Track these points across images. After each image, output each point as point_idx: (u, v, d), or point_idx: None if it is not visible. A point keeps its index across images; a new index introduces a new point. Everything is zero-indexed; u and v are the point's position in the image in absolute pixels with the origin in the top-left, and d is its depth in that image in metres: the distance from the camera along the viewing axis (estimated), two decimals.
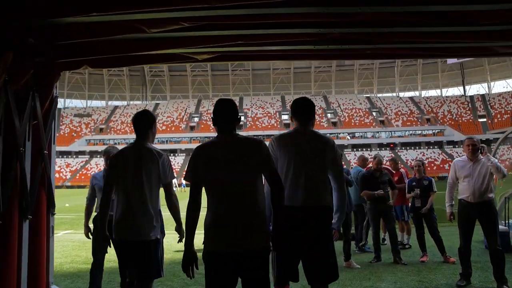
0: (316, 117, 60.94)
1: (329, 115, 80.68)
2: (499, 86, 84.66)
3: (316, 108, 63.69)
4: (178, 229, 3.54)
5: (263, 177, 2.62)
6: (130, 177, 3.19)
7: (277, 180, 2.53)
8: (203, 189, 2.60)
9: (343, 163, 3.60)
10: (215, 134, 2.66)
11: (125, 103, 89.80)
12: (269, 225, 2.80)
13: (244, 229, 2.44)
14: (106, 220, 3.30)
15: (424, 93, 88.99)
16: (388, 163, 8.39)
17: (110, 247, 3.40)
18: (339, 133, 76.04)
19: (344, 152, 73.40)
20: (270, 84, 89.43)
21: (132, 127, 3.39)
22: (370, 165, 7.45)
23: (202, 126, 78.83)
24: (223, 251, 2.43)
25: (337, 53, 3.82)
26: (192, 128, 78.91)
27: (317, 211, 2.90)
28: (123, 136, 76.39)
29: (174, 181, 16.43)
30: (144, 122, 3.34)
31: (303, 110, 3.18)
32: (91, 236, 4.67)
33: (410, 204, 7.00)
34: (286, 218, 2.66)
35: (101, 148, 75.71)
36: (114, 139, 76.42)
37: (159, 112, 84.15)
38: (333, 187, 3.08)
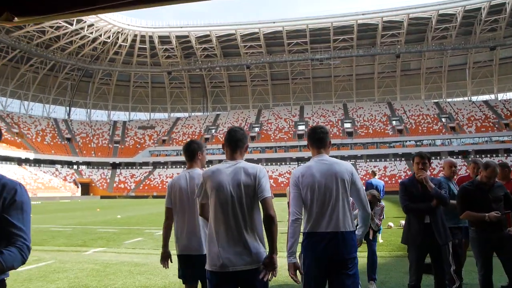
0: (381, 124, 57.67)
1: (394, 122, 76.96)
2: None
3: (381, 115, 60.43)
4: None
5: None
6: (185, 199, 3.61)
7: (267, 208, 2.71)
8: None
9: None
10: (275, 144, 2.80)
11: (186, 114, 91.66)
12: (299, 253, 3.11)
13: (237, 251, 2.69)
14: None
15: (501, 96, 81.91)
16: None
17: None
18: (406, 141, 72.15)
19: (411, 162, 69.31)
20: (331, 92, 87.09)
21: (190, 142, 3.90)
22: (462, 172, 5.38)
23: (263, 136, 78.18)
24: (218, 270, 2.68)
25: None
26: (252, 138, 78.51)
27: (341, 236, 3.01)
28: None
29: None
30: (194, 149, 3.79)
31: (315, 137, 3.29)
32: None
33: None
34: (314, 244, 3.01)
35: (163, 159, 77.70)
36: (176, 150, 78.02)
37: (219, 123, 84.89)
38: (358, 209, 3.19)
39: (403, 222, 12.07)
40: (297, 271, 2.94)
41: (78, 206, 34.18)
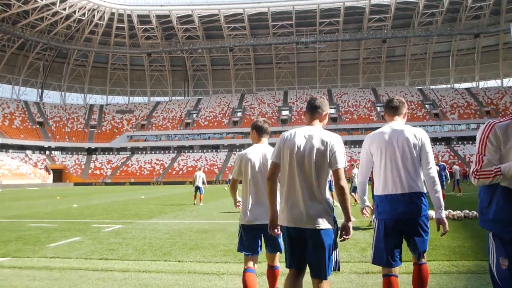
0: (365, 110, 56.71)
1: (378, 108, 75.90)
2: None
3: (365, 101, 59.46)
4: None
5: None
6: (258, 172, 3.76)
7: (338, 179, 2.84)
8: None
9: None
10: None
11: (167, 98, 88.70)
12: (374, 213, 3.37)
13: (306, 211, 2.84)
14: None
15: (482, 84, 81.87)
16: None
17: None
18: None
19: None
20: (316, 77, 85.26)
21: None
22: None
23: (246, 121, 76.03)
24: (286, 225, 2.90)
25: None
26: (235, 123, 76.36)
27: (411, 197, 3.15)
28: (165, 132, 75.11)
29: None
30: (266, 127, 4.03)
31: (390, 105, 3.47)
32: None
33: None
34: (386, 206, 3.19)
35: (142, 144, 75.00)
36: (155, 135, 75.39)
37: (201, 107, 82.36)
38: (423, 170, 3.25)
39: None
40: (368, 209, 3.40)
41: (42, 194, 31.52)
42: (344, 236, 2.89)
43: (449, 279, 4.47)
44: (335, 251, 2.90)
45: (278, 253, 3.73)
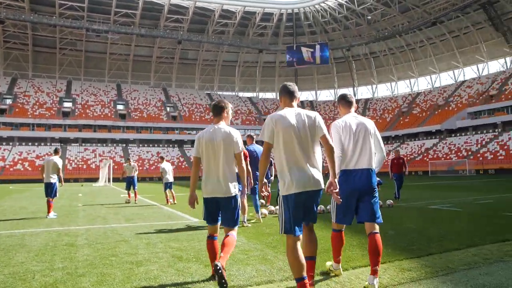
0: (155, 109, 56.51)
1: (168, 108, 76.64)
2: (324, 95, 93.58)
3: (156, 100, 59.28)
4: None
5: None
6: (211, 150, 4.11)
7: (328, 141, 3.50)
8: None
9: None
10: (34, 121, 13.60)
11: None
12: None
13: (306, 177, 3.33)
14: None
15: (262, 95, 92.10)
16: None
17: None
18: (179, 128, 72.65)
19: (184, 148, 70.19)
20: (105, 70, 79.74)
21: None
22: None
23: (17, 110, 65.36)
24: (293, 192, 3.31)
25: None
26: (3, 111, 64.68)
27: (368, 172, 3.87)
28: None
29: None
30: (222, 107, 4.32)
31: (347, 100, 4.18)
32: None
33: None
34: (348, 178, 3.86)
35: None
36: None
37: None
38: (377, 153, 4.04)
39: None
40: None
41: None
42: (333, 190, 3.50)
43: None
44: None
45: (235, 227, 4.12)
